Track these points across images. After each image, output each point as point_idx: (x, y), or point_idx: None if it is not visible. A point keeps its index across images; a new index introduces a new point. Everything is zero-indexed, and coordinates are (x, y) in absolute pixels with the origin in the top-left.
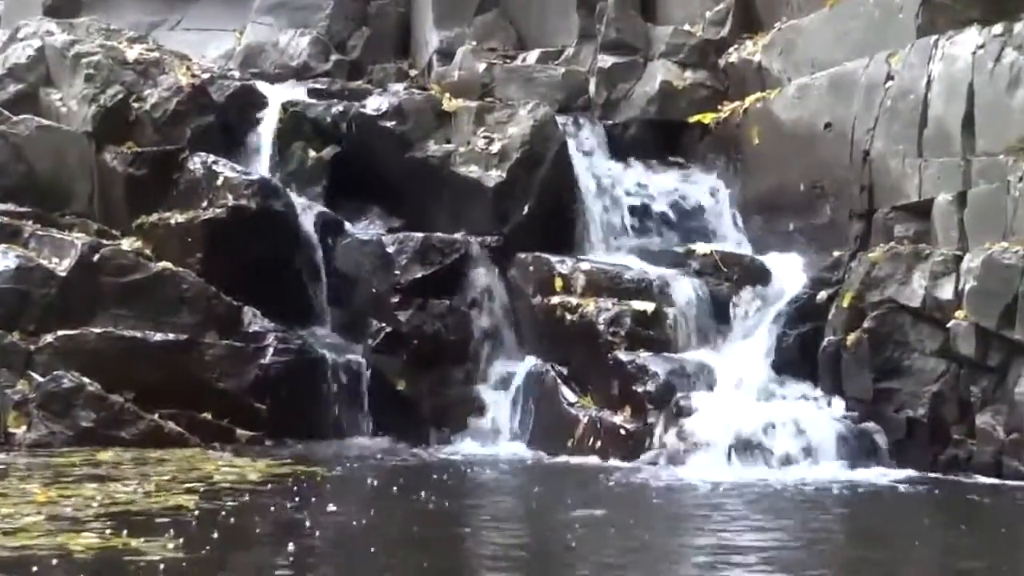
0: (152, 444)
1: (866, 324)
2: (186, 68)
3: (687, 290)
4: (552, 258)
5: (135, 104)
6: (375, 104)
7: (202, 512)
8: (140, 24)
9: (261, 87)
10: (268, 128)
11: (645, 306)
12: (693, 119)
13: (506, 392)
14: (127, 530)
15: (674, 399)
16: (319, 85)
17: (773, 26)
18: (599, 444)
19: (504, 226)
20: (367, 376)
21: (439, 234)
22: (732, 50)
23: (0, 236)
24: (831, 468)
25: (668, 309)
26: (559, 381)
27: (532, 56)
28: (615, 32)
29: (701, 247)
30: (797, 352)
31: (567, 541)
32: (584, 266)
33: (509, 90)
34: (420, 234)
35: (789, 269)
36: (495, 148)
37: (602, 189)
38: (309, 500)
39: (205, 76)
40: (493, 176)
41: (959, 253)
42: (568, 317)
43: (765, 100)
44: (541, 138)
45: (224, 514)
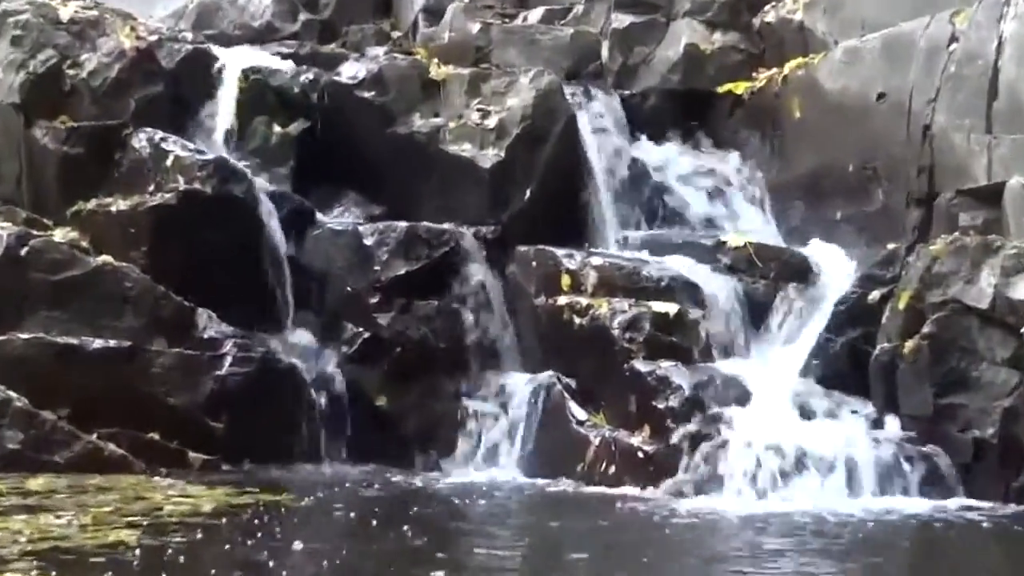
0: (90, 469)
1: (926, 329)
2: (130, 29)
3: (717, 289)
4: (558, 251)
5: (70, 71)
6: (351, 71)
7: (146, 550)
8: None
9: (217, 51)
10: (226, 100)
11: (667, 308)
12: (723, 89)
13: (504, 409)
14: (56, 570)
15: (701, 417)
16: (285, 49)
17: None
18: (613, 470)
19: (502, 214)
20: (341, 390)
21: (426, 223)
22: (769, 8)
23: None
24: (885, 498)
25: (694, 311)
26: (566, 396)
27: (535, 15)
28: None
29: (733, 239)
30: (845, 362)
31: None
32: (596, 261)
33: (508, 55)
34: (404, 223)
35: (835, 264)
36: (491, 123)
37: (616, 171)
38: (272, 536)
39: (152, 38)
40: (489, 155)
41: None
42: (577, 321)
43: (807, 66)
44: (545, 111)
45: (171, 552)
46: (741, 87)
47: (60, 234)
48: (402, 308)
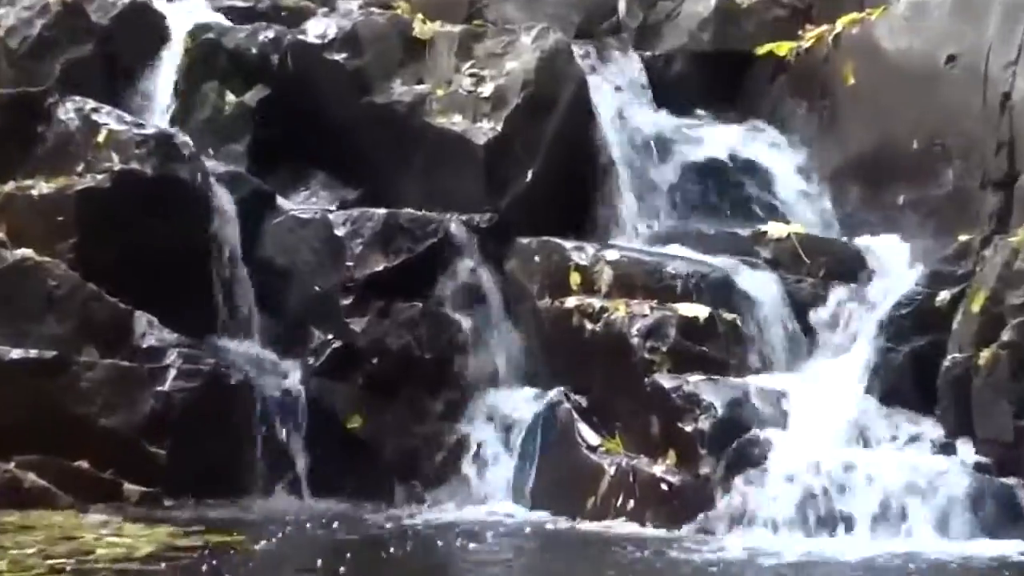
0: (6, 504)
1: (1005, 336)
2: None
3: (755, 289)
4: (566, 244)
5: None
6: (319, 29)
7: None
8: None
9: (159, 5)
10: (169, 63)
11: (696, 311)
12: (763, 50)
13: (502, 431)
14: None
15: (737, 442)
16: (241, 3)
17: None
18: (632, 504)
19: (499, 199)
20: (306, 409)
21: (408, 211)
22: None
23: None
24: (957, 539)
25: (728, 315)
26: (575, 416)
27: None
28: None
29: (775, 228)
30: (908, 375)
31: None
32: (611, 255)
33: (506, 9)
34: (382, 210)
35: (896, 259)
36: (487, 90)
37: (636, 147)
38: None
39: None
40: (484, 129)
41: None
42: (588, 326)
43: (864, 23)
44: (551, 76)
45: None
46: (784, 48)
47: None
48: (380, 312)
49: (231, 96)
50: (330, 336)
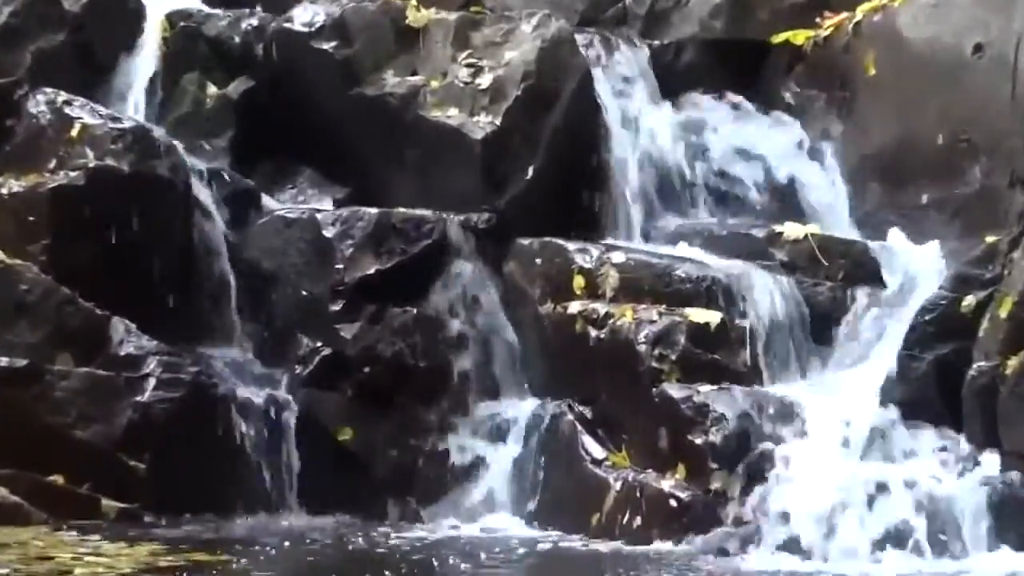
0: None
1: None
2: None
3: (770, 293)
4: (569, 245)
5: None
6: (305, 17)
7: None
8: None
9: None
10: (147, 52)
11: (707, 317)
12: (779, 39)
13: (501, 444)
14: None
15: (750, 455)
16: None
17: None
18: (639, 521)
19: (498, 198)
20: (294, 421)
21: (401, 210)
22: None
23: None
24: (982, 555)
25: (741, 321)
26: (579, 428)
27: None
28: None
29: (791, 229)
30: (932, 385)
31: None
32: (617, 257)
33: None
34: (374, 210)
35: (920, 261)
36: (485, 82)
37: (643, 142)
38: None
39: None
40: (481, 123)
41: None
42: (593, 333)
43: (886, 10)
44: (553, 67)
45: None
46: (801, 37)
47: None
48: (371, 317)
49: (212, 88)
50: (319, 343)
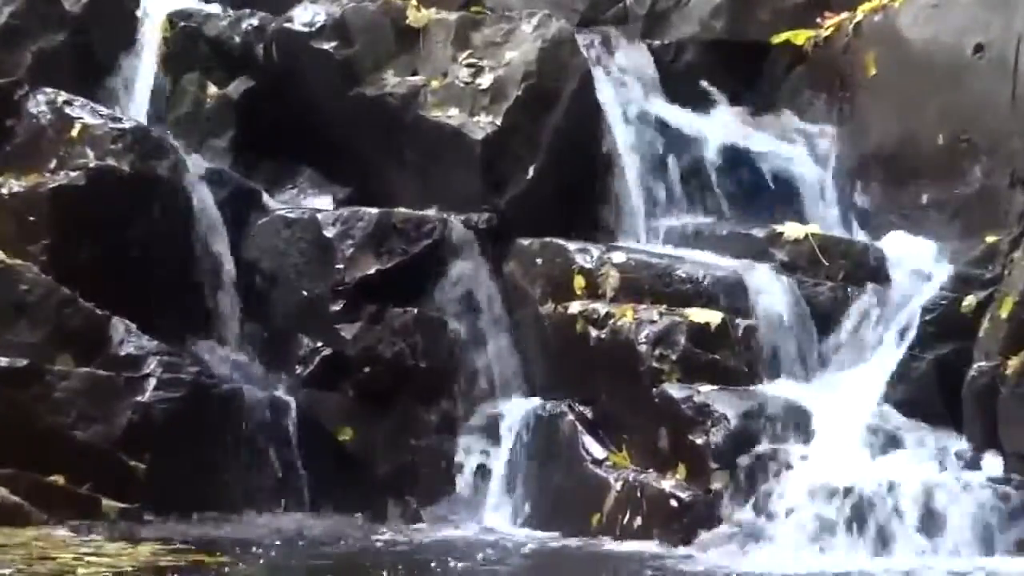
0: None
1: None
2: None
3: (771, 293)
4: (570, 245)
5: None
6: (306, 17)
7: None
8: None
9: None
10: (147, 52)
11: (708, 317)
12: (779, 39)
13: (501, 444)
14: None
15: (750, 455)
16: None
17: None
18: (639, 521)
19: (498, 198)
20: (294, 421)
21: (402, 210)
22: None
23: None
24: (982, 556)
25: (742, 321)
26: (580, 428)
27: None
28: None
29: (791, 229)
30: (932, 385)
31: None
32: (617, 257)
33: None
34: (374, 210)
35: (920, 261)
36: (485, 82)
37: (644, 142)
38: None
39: None
40: (482, 123)
41: None
42: (593, 333)
43: (886, 11)
44: (554, 67)
45: None
46: (802, 37)
47: None
48: (372, 317)
49: (213, 88)
50: (319, 343)
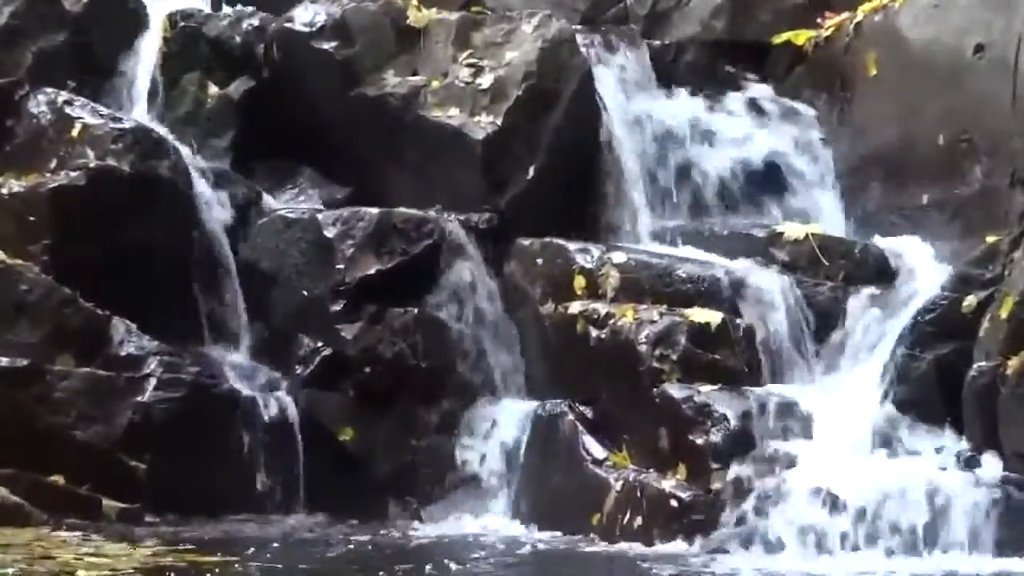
0: None
1: None
2: None
3: (771, 293)
4: (570, 245)
5: None
6: (306, 17)
7: None
8: None
9: None
10: (147, 52)
11: (708, 317)
12: (779, 39)
13: (501, 444)
14: None
15: (751, 454)
16: None
17: None
18: (639, 522)
19: (499, 198)
20: (295, 421)
21: (402, 210)
22: None
23: None
24: (982, 556)
25: (742, 321)
26: (580, 428)
27: None
28: None
29: (791, 229)
30: (932, 385)
31: None
32: (617, 257)
33: None
34: (374, 210)
35: (920, 262)
36: (485, 82)
37: (644, 143)
38: None
39: None
40: (482, 123)
41: None
42: (594, 333)
43: (887, 11)
44: (554, 67)
45: None
46: (802, 37)
47: None
48: (372, 318)
49: (213, 88)
50: (319, 343)
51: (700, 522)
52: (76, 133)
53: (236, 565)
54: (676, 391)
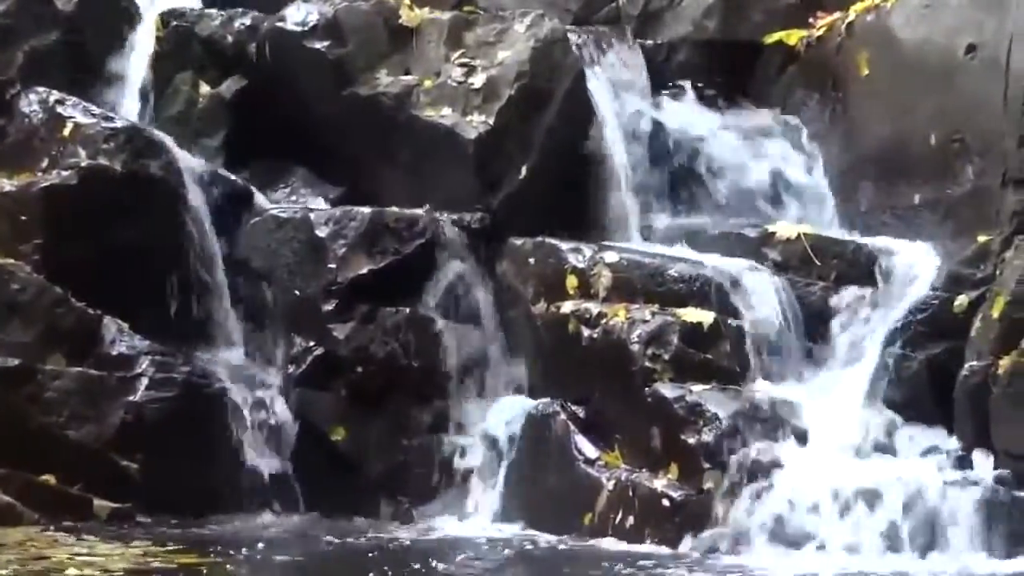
0: None
1: None
2: None
3: (762, 293)
4: (562, 245)
5: None
6: (298, 16)
7: None
8: None
9: None
10: (139, 52)
11: (700, 317)
12: (771, 39)
13: (493, 444)
14: None
15: (742, 454)
16: None
17: None
18: (631, 521)
19: (491, 197)
20: (287, 421)
21: (394, 209)
22: None
23: None
24: (972, 556)
25: (734, 321)
26: (572, 428)
27: None
28: None
29: (783, 229)
30: (924, 384)
31: None
32: (610, 257)
33: None
34: (366, 209)
35: (912, 261)
36: (478, 82)
37: (636, 142)
38: None
39: None
40: (475, 123)
41: None
42: (586, 333)
43: (879, 11)
44: (546, 67)
45: None
46: (794, 37)
47: None
48: (364, 317)
49: (205, 87)
50: (311, 343)
51: (692, 521)
52: (68, 132)
53: (228, 565)
54: (668, 391)
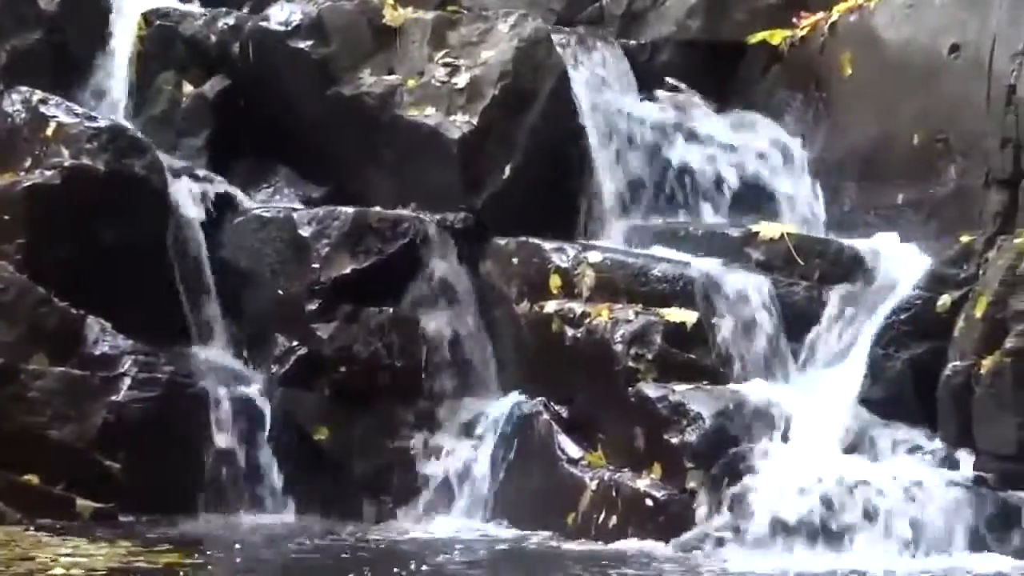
0: None
1: (1009, 343)
2: None
3: (746, 292)
4: (546, 245)
5: None
6: (282, 16)
7: None
8: None
9: None
10: (122, 51)
11: (683, 316)
12: (755, 39)
13: (476, 443)
14: None
15: (726, 454)
16: None
17: None
18: (614, 521)
19: (475, 197)
20: (271, 420)
21: (378, 209)
22: None
23: None
24: (955, 554)
25: (717, 321)
26: (555, 428)
27: None
28: None
29: (767, 229)
30: (907, 384)
31: None
32: (593, 257)
33: None
34: (350, 209)
35: (896, 261)
36: (461, 82)
37: (620, 142)
38: None
39: None
40: (458, 123)
41: None
42: (569, 333)
43: (862, 11)
44: (530, 67)
45: None
46: (778, 37)
47: None
48: (347, 317)
49: (189, 87)
50: (295, 343)
51: (675, 521)
52: (51, 132)
53: (210, 565)
54: (651, 390)
